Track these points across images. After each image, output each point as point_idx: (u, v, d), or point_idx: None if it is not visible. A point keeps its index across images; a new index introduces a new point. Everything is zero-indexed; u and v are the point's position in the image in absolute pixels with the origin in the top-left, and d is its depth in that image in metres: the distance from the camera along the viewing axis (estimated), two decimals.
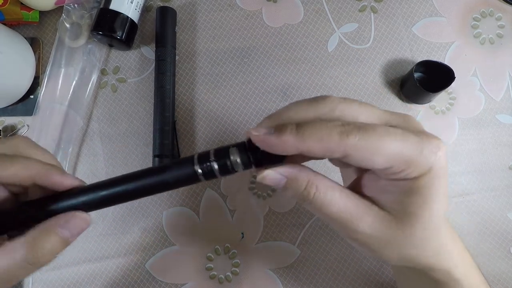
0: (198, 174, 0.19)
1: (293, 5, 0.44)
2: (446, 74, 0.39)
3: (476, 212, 0.41)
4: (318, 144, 0.18)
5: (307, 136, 0.18)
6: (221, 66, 0.43)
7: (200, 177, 0.19)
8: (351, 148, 0.18)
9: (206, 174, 0.19)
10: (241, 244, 0.40)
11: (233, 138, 0.42)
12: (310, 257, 0.40)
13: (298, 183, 0.20)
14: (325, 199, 0.20)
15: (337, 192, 0.20)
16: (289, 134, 0.18)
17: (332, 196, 0.20)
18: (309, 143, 0.18)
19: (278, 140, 0.18)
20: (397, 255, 0.21)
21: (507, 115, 0.43)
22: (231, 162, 0.19)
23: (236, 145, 0.19)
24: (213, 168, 0.19)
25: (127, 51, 0.44)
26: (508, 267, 0.40)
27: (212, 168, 0.19)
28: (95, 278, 0.39)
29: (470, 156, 0.42)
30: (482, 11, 0.44)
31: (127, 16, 0.40)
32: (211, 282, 0.39)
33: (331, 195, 0.20)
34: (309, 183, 0.20)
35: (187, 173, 0.19)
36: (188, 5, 0.44)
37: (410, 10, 0.44)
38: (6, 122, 0.42)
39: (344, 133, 0.18)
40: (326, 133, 0.18)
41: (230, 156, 0.19)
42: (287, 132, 0.18)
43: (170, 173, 0.19)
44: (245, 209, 0.40)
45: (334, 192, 0.20)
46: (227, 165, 0.19)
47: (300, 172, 0.20)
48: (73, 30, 0.43)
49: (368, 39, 0.44)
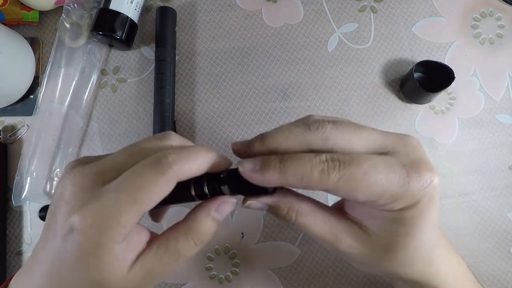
0: (193, 196, 0.22)
1: (293, 5, 0.44)
2: (446, 74, 0.39)
3: (476, 212, 0.41)
4: (298, 182, 0.19)
5: (289, 174, 0.18)
6: (221, 66, 0.43)
7: (195, 198, 0.22)
8: (332, 187, 0.18)
9: (199, 196, 0.22)
10: (241, 244, 0.40)
11: (233, 138, 0.42)
12: (310, 257, 0.40)
13: (279, 210, 0.21)
14: (307, 222, 0.21)
15: (319, 215, 0.21)
16: (273, 171, 0.19)
17: (314, 219, 0.21)
18: (291, 180, 0.19)
19: (262, 177, 0.19)
20: (379, 271, 0.22)
21: (507, 115, 0.43)
22: (221, 189, 0.21)
23: (227, 175, 0.21)
24: (205, 193, 0.21)
25: (127, 51, 0.44)
26: (508, 267, 0.40)
27: (204, 192, 0.21)
28: None
29: (470, 156, 0.42)
30: (482, 11, 0.44)
31: (127, 16, 0.40)
32: (211, 282, 0.39)
33: (312, 218, 0.21)
34: (290, 209, 0.21)
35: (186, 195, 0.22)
36: (188, 5, 0.44)
37: (410, 10, 0.44)
38: (6, 122, 0.42)
39: (325, 172, 0.18)
40: (307, 172, 0.18)
41: (222, 186, 0.21)
42: (271, 170, 0.19)
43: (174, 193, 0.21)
44: (245, 209, 0.40)
45: (316, 215, 0.21)
46: (217, 191, 0.21)
47: (282, 199, 0.21)
48: (73, 30, 0.43)
49: (368, 39, 0.44)
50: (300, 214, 0.21)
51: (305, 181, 0.18)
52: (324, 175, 0.18)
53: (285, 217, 0.21)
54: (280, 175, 0.19)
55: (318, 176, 0.18)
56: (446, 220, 0.40)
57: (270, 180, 0.19)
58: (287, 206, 0.21)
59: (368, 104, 0.43)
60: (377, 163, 0.18)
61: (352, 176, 0.18)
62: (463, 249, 0.40)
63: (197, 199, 0.22)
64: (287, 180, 0.19)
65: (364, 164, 0.18)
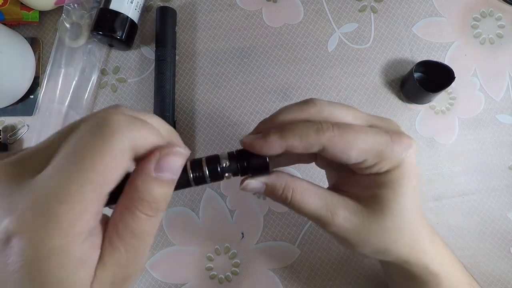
0: (189, 180, 0.20)
1: (293, 5, 0.44)
2: (446, 74, 0.39)
3: (476, 212, 0.41)
4: (298, 141, 0.20)
5: (289, 135, 0.20)
6: (221, 66, 0.43)
7: (191, 182, 0.21)
8: (327, 142, 0.20)
9: (196, 179, 0.21)
10: (241, 244, 0.40)
11: (233, 138, 0.42)
12: (310, 257, 0.40)
13: (275, 188, 0.23)
14: (302, 199, 0.22)
15: (312, 192, 0.23)
16: (273, 135, 0.21)
17: (309, 195, 0.22)
18: (290, 141, 0.20)
19: (264, 141, 0.21)
20: (372, 247, 0.23)
21: (507, 115, 0.43)
22: (221, 169, 0.21)
23: (227, 154, 0.22)
24: (204, 174, 0.21)
25: (127, 51, 0.44)
26: (508, 267, 0.40)
27: (203, 174, 0.21)
28: None
29: (470, 156, 0.42)
30: (482, 11, 0.44)
31: (127, 16, 0.40)
32: (211, 282, 0.39)
33: (308, 194, 0.22)
34: (285, 187, 0.22)
35: (180, 178, 0.19)
36: (188, 5, 0.44)
37: (410, 10, 0.44)
38: (6, 122, 0.42)
39: (320, 130, 0.20)
40: (304, 131, 0.20)
41: (221, 163, 0.21)
42: (271, 134, 0.21)
43: None
44: (245, 209, 0.40)
45: (310, 192, 0.23)
46: (217, 171, 0.21)
47: (278, 178, 0.23)
48: (73, 30, 0.43)
49: (368, 39, 0.44)
50: (295, 191, 0.22)
51: (304, 140, 0.20)
52: (320, 132, 0.20)
53: (281, 196, 0.23)
54: (280, 137, 0.20)
55: (314, 133, 0.20)
56: (446, 220, 0.40)
57: (271, 144, 0.20)
58: (283, 185, 0.22)
59: (368, 104, 0.43)
60: (365, 127, 0.21)
61: (346, 133, 0.20)
62: (463, 249, 0.40)
63: (194, 184, 0.21)
64: (287, 141, 0.20)
65: (355, 127, 0.21)
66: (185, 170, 0.20)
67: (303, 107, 0.22)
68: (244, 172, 0.22)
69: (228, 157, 0.21)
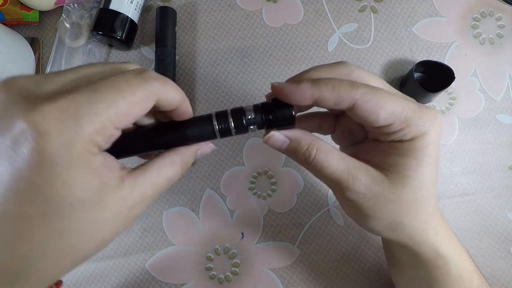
0: (215, 132, 0.21)
1: (293, 5, 0.44)
2: (446, 74, 0.39)
3: (476, 212, 0.41)
4: (330, 91, 0.20)
5: (322, 84, 0.20)
6: (221, 66, 0.43)
7: (217, 134, 0.21)
8: (359, 98, 0.20)
9: (222, 131, 0.21)
10: (241, 244, 0.40)
11: (233, 138, 0.42)
12: (310, 257, 0.40)
13: (300, 145, 0.22)
14: (325, 159, 0.22)
15: (336, 154, 0.22)
16: (306, 82, 0.20)
17: (332, 157, 0.22)
18: (322, 90, 0.20)
19: (296, 86, 0.20)
20: (387, 220, 0.23)
21: (507, 115, 0.43)
22: (246, 121, 0.21)
23: (252, 106, 0.21)
24: (230, 126, 0.21)
25: (127, 51, 0.44)
26: (508, 267, 0.40)
27: (228, 126, 0.21)
28: (95, 278, 0.39)
29: (470, 156, 0.42)
30: (482, 11, 0.44)
31: (127, 16, 0.40)
32: (211, 282, 0.39)
33: (331, 156, 0.22)
34: (310, 145, 0.22)
35: (205, 129, 0.21)
36: (188, 5, 0.44)
37: (410, 10, 0.44)
38: None
39: (354, 84, 0.20)
40: (338, 83, 0.20)
41: (247, 115, 0.21)
42: (304, 81, 0.20)
43: (188, 128, 0.21)
44: (245, 209, 0.40)
45: (333, 154, 0.22)
46: (243, 123, 0.21)
47: (304, 135, 0.22)
48: (73, 30, 0.43)
49: (368, 39, 0.44)
50: (319, 150, 0.22)
51: (336, 91, 0.20)
52: (354, 86, 0.20)
53: (304, 154, 0.22)
54: (313, 85, 0.20)
55: (348, 86, 0.20)
56: (446, 220, 0.40)
57: (303, 91, 0.20)
58: (308, 141, 0.22)
59: None
60: (395, 94, 0.21)
61: (377, 92, 0.20)
62: None
63: (219, 136, 0.21)
64: (319, 90, 0.20)
65: (385, 90, 0.21)
66: (211, 122, 0.21)
67: (334, 67, 0.22)
68: (269, 125, 0.22)
69: (253, 109, 0.21)
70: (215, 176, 0.41)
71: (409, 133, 0.21)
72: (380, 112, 0.20)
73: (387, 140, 0.22)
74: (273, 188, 0.41)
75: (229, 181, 0.41)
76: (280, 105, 0.21)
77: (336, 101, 0.20)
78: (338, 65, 0.22)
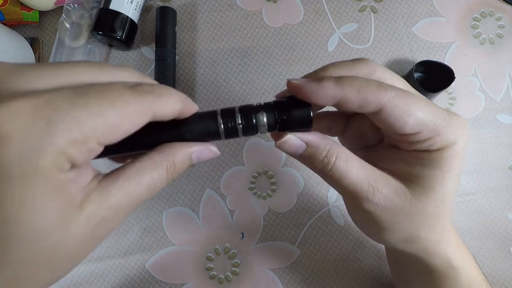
0: (220, 132, 0.18)
1: (293, 5, 0.44)
2: (446, 74, 0.39)
3: (476, 212, 0.41)
4: (355, 92, 0.18)
5: (346, 84, 0.18)
6: (221, 66, 0.43)
7: (222, 135, 0.18)
8: (388, 103, 0.18)
9: (227, 131, 0.18)
10: (241, 244, 0.40)
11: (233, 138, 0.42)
12: (310, 257, 0.40)
13: (319, 151, 0.19)
14: (345, 168, 0.19)
15: (356, 162, 0.20)
16: (329, 81, 0.18)
17: (352, 165, 0.19)
18: (348, 91, 0.18)
19: (318, 85, 0.18)
20: (404, 234, 0.21)
21: (507, 115, 0.43)
22: (256, 121, 0.18)
23: (264, 104, 0.19)
24: (237, 126, 0.18)
25: (127, 51, 0.44)
26: (508, 267, 0.40)
27: (235, 125, 0.18)
28: (95, 278, 0.39)
29: (470, 156, 0.42)
30: (482, 11, 0.44)
31: (127, 16, 0.40)
32: (211, 282, 0.39)
33: (351, 164, 0.19)
34: (330, 151, 0.19)
35: (207, 128, 0.18)
36: (188, 5, 0.44)
37: (410, 10, 0.44)
38: None
39: (382, 86, 0.18)
40: (365, 83, 0.18)
41: (257, 114, 0.18)
42: (327, 79, 0.18)
43: (186, 125, 0.18)
44: (245, 209, 0.40)
45: (353, 162, 0.20)
46: (252, 122, 0.18)
47: (322, 139, 0.20)
48: (73, 30, 0.43)
49: (368, 39, 0.44)
50: (339, 158, 0.19)
51: (362, 93, 0.18)
52: (382, 88, 0.18)
53: (323, 161, 0.19)
54: (337, 84, 0.18)
55: (375, 88, 0.18)
56: None
57: (326, 90, 0.18)
58: (327, 147, 0.19)
59: None
60: (423, 99, 0.19)
61: (406, 97, 0.18)
62: None
63: (224, 137, 0.18)
64: (343, 90, 0.18)
65: (414, 95, 0.19)
66: (215, 120, 0.18)
67: (355, 64, 0.20)
68: (282, 126, 0.19)
69: (265, 108, 0.18)
70: (215, 176, 0.41)
71: (437, 143, 0.19)
72: (408, 119, 0.18)
73: (410, 149, 0.20)
74: (273, 188, 0.41)
75: (229, 181, 0.41)
76: (296, 105, 0.18)
77: (361, 104, 0.18)
78: (359, 62, 0.20)
